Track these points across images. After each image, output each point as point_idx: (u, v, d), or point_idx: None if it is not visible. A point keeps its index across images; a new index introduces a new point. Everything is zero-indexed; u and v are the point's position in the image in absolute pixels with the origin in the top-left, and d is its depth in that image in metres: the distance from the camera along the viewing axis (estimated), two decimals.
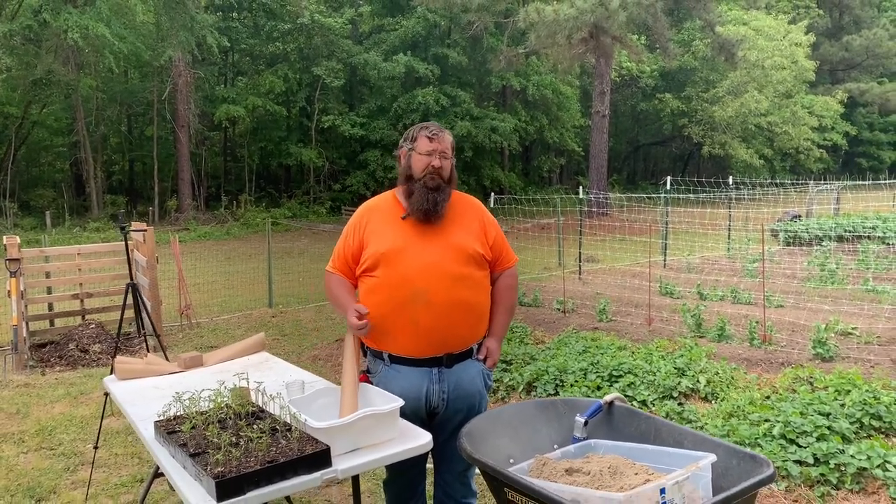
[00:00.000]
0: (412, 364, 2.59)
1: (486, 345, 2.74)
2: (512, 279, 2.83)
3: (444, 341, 2.58)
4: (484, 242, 2.69)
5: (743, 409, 4.08)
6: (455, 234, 2.63)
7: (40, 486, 3.97)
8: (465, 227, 2.67)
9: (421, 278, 2.53)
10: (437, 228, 2.62)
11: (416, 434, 2.35)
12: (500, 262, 2.77)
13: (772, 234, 13.99)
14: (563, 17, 17.69)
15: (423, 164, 2.60)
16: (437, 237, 2.60)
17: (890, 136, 44.09)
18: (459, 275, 2.57)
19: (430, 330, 2.54)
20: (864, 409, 3.80)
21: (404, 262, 2.55)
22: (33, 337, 7.38)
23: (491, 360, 2.74)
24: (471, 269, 2.61)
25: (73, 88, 23.52)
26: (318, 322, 8.51)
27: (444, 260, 2.56)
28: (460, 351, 2.64)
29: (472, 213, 2.73)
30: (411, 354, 2.58)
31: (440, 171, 2.60)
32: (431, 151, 2.60)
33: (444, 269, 2.55)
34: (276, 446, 2.10)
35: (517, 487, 2.17)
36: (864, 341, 6.18)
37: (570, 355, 5.42)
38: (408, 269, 2.54)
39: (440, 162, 2.60)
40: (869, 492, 3.24)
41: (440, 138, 2.63)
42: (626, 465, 2.36)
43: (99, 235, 20.29)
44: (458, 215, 2.69)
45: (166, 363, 3.38)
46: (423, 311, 2.53)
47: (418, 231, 2.60)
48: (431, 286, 2.53)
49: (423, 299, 2.52)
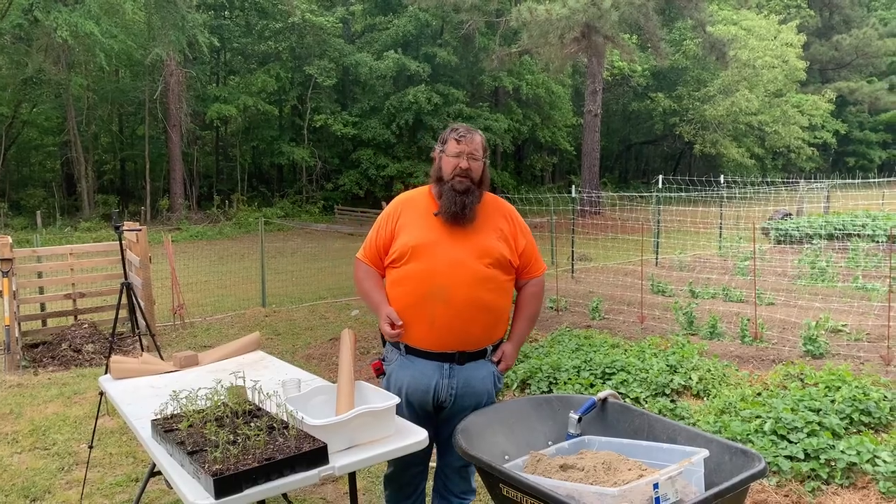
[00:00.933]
0: (425, 357, 2.64)
1: (501, 348, 2.77)
2: (538, 288, 2.85)
3: (459, 339, 2.62)
4: (513, 248, 2.71)
5: (734, 406, 4.12)
6: (485, 235, 2.66)
7: (35, 486, 3.96)
8: (495, 230, 2.69)
9: (444, 275, 2.56)
10: (467, 228, 2.64)
11: (413, 431, 2.37)
12: (527, 270, 2.79)
13: (763, 232, 14.08)
14: (555, 16, 17.70)
15: (451, 166, 2.63)
16: (467, 237, 2.63)
17: (880, 136, 44.40)
18: (483, 276, 2.60)
19: (446, 326, 2.58)
20: (853, 405, 3.85)
21: (431, 257, 2.58)
22: (25, 337, 7.35)
23: (504, 364, 2.77)
24: (495, 271, 2.64)
25: (64, 87, 23.41)
26: (311, 321, 8.51)
27: (470, 259, 2.59)
28: (473, 350, 2.67)
29: (504, 217, 2.75)
30: (426, 347, 2.63)
31: (468, 172, 2.62)
32: (459, 153, 2.63)
33: (468, 268, 2.58)
34: (273, 444, 2.11)
35: (512, 483, 2.19)
36: (853, 338, 6.24)
37: (563, 353, 5.45)
38: (433, 265, 2.57)
39: (468, 163, 2.62)
40: (858, 486, 3.28)
41: (468, 140, 2.65)
42: (620, 460, 2.38)
43: (90, 235, 20.20)
44: (490, 218, 2.71)
45: (162, 362, 3.38)
46: (440, 308, 2.56)
47: (449, 228, 2.63)
48: (452, 284, 2.56)
49: (443, 296, 2.56)
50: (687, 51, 32.19)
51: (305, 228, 23.75)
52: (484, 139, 2.74)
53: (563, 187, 32.73)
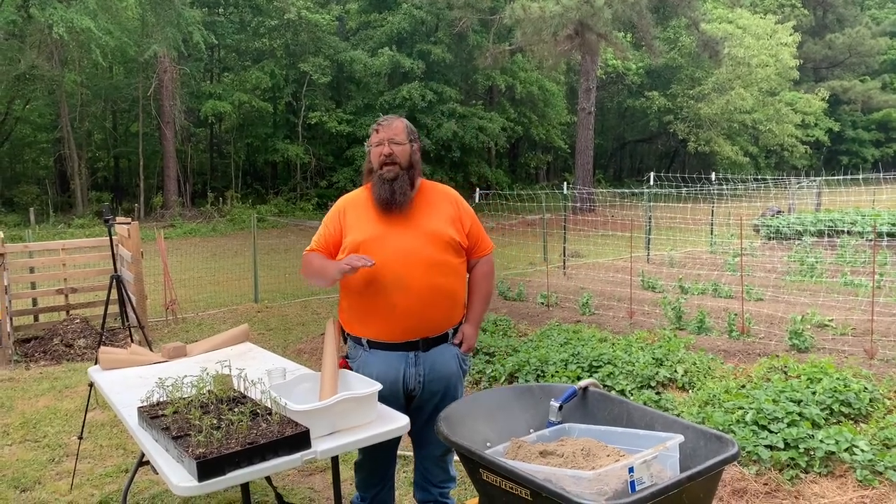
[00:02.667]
0: (389, 348, 2.67)
1: (462, 330, 2.82)
2: (488, 266, 2.90)
3: (420, 326, 2.66)
4: (460, 230, 2.76)
5: (718, 398, 4.17)
6: (430, 221, 2.71)
7: (25, 476, 4.00)
8: (440, 215, 2.74)
9: (399, 264, 2.60)
10: (412, 217, 2.69)
11: (394, 417, 2.42)
12: (476, 249, 2.85)
13: (754, 229, 14.17)
14: (548, 14, 17.80)
15: (376, 154, 2.69)
16: (414, 225, 2.68)
17: (872, 134, 44.57)
18: (436, 261, 2.65)
19: (407, 314, 2.62)
20: (834, 396, 3.91)
21: (382, 249, 2.62)
22: (17, 332, 7.37)
23: (466, 345, 2.82)
24: (447, 255, 2.69)
25: (57, 84, 23.33)
26: (303, 317, 8.55)
27: (421, 247, 2.64)
28: (436, 335, 2.72)
29: (447, 201, 2.81)
30: (388, 339, 2.67)
31: (392, 157, 2.66)
32: (380, 141, 2.68)
33: (421, 255, 2.63)
34: (256, 429, 2.15)
35: (492, 468, 2.24)
36: (839, 333, 6.31)
37: (551, 347, 5.50)
38: (386, 257, 2.60)
39: (390, 148, 2.66)
40: (836, 475, 3.34)
41: (386, 126, 2.71)
42: (599, 447, 2.43)
43: (84, 232, 20.16)
44: (433, 204, 2.76)
45: (150, 353, 3.42)
46: (400, 296, 2.60)
47: (394, 220, 2.68)
48: (408, 272, 2.60)
49: (401, 284, 2.60)
50: (681, 49, 32.28)
51: (299, 225, 23.75)
52: (407, 124, 2.77)
53: (558, 185, 32.79)
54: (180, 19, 22.33)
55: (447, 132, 26.16)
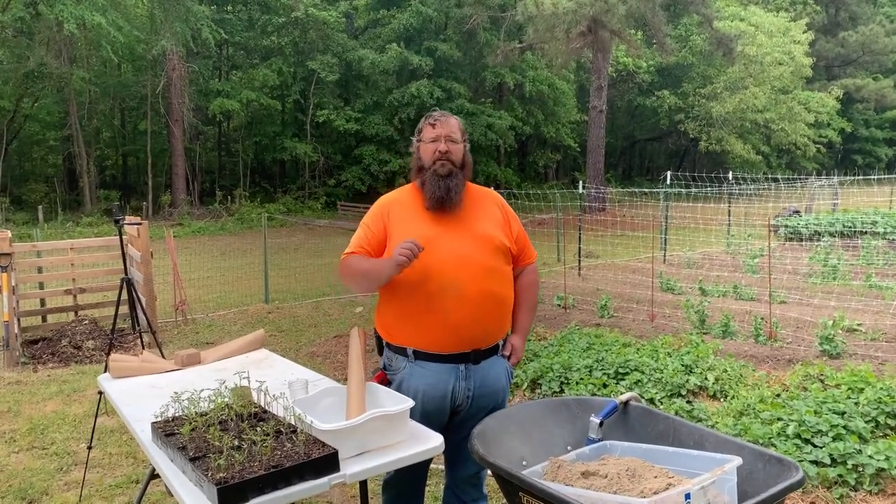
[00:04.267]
0: (438, 360, 2.48)
1: (510, 341, 2.65)
2: (534, 275, 2.76)
3: (474, 337, 2.48)
4: (509, 235, 2.60)
5: (754, 408, 3.99)
6: (481, 225, 2.53)
7: (32, 487, 3.84)
8: (489, 218, 2.57)
9: (452, 270, 2.42)
10: (462, 219, 2.52)
11: (428, 436, 2.24)
12: (522, 256, 2.69)
13: (772, 229, 13.93)
14: (561, 10, 17.59)
15: (430, 151, 2.52)
16: (465, 228, 2.50)
17: (886, 133, 44.15)
18: (490, 267, 2.48)
19: (460, 324, 2.43)
20: (879, 408, 3.71)
21: (434, 252, 2.42)
22: (25, 333, 7.24)
23: (515, 358, 2.66)
24: (499, 261, 2.52)
25: (66, 81, 23.27)
26: (315, 318, 8.39)
27: (475, 251, 2.46)
28: (487, 347, 2.54)
29: (493, 204, 2.64)
30: (439, 350, 2.47)
31: (448, 154, 2.49)
32: (436, 137, 2.52)
33: (475, 260, 2.45)
34: (280, 450, 1.98)
35: (534, 492, 2.07)
36: (870, 338, 6.10)
37: (573, 352, 5.32)
38: (438, 261, 2.41)
39: (447, 146, 2.50)
40: (888, 493, 3.15)
41: (443, 122, 2.54)
42: (645, 467, 2.26)
43: (92, 230, 20.09)
44: (480, 207, 2.59)
45: (163, 361, 3.26)
46: (453, 305, 2.41)
47: (444, 222, 2.50)
48: (463, 278, 2.42)
49: (455, 292, 2.41)
50: (693, 47, 31.99)
51: (308, 224, 23.64)
52: (460, 122, 2.60)
53: (568, 184, 32.59)
54: (189, 14, 22.23)
55: None
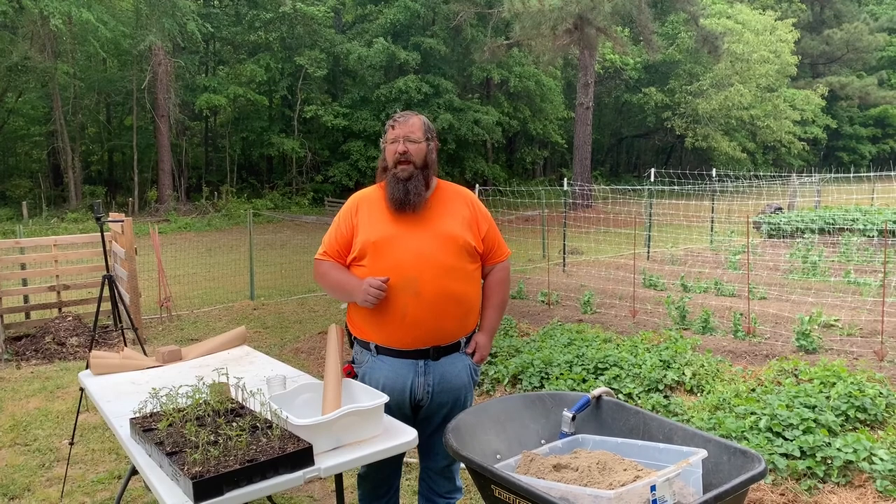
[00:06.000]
0: (398, 355, 2.54)
1: (475, 339, 2.68)
2: (504, 273, 2.77)
3: (432, 334, 2.52)
4: (476, 234, 2.63)
5: (729, 402, 4.06)
6: (446, 223, 2.57)
7: (14, 483, 3.86)
8: (456, 217, 2.61)
9: (411, 267, 2.47)
10: (426, 218, 2.56)
11: (402, 430, 2.29)
12: (492, 255, 2.71)
13: (754, 226, 14.07)
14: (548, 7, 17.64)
15: (391, 152, 2.55)
16: (428, 227, 2.54)
17: (870, 130, 44.57)
18: (450, 266, 2.51)
19: (418, 321, 2.48)
20: (849, 402, 3.80)
21: (395, 250, 2.49)
22: (8, 330, 7.22)
23: (479, 355, 2.69)
24: (462, 260, 2.56)
25: (50, 76, 23.07)
26: (300, 315, 8.42)
27: (435, 250, 2.50)
28: (447, 344, 2.58)
29: (463, 203, 2.67)
30: (397, 345, 2.53)
31: (407, 155, 2.52)
32: (396, 138, 2.55)
33: (435, 259, 2.49)
34: (256, 444, 2.02)
35: (505, 485, 2.12)
36: (846, 333, 6.20)
37: (555, 348, 5.38)
38: (398, 259, 2.47)
39: (405, 146, 2.53)
40: (855, 485, 3.23)
41: (402, 123, 2.56)
42: (615, 460, 2.32)
43: (77, 227, 19.96)
44: (448, 205, 2.63)
45: (144, 357, 3.28)
46: (411, 302, 2.47)
47: (408, 221, 2.54)
48: (421, 276, 2.47)
49: (413, 289, 2.46)
50: (680, 44, 32.16)
51: (295, 220, 23.59)
52: (424, 120, 2.62)
53: (555, 180, 32.71)
54: (175, 10, 22.08)
55: (443, 122, 26.02)
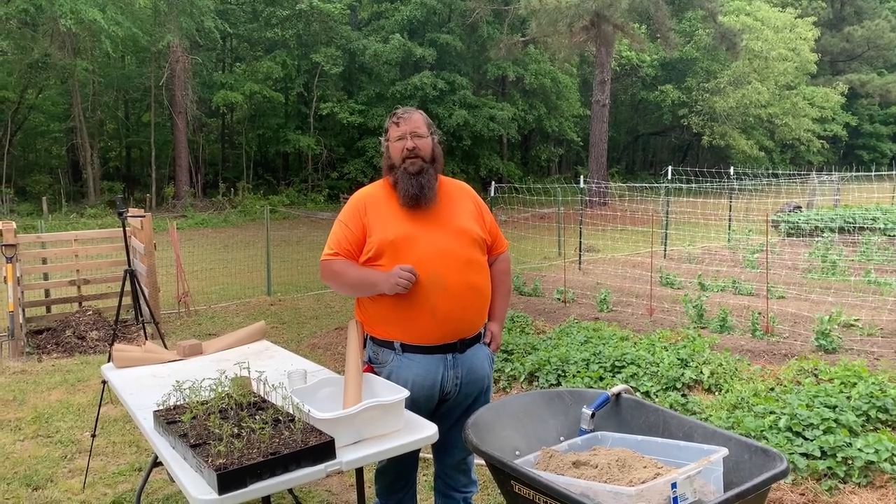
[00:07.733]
0: (427, 351, 2.56)
1: (489, 329, 2.76)
2: (507, 263, 2.86)
3: (459, 327, 2.57)
4: (483, 226, 2.69)
5: (747, 401, 4.04)
6: (458, 218, 2.62)
7: (37, 474, 3.92)
8: (464, 211, 2.66)
9: (435, 263, 2.49)
10: (439, 213, 2.59)
11: (422, 425, 2.30)
12: (495, 246, 2.78)
13: (772, 225, 13.95)
14: (564, 4, 17.56)
15: (398, 150, 2.57)
16: (442, 222, 2.58)
17: (890, 129, 43.93)
18: (469, 259, 2.57)
19: (447, 316, 2.52)
20: (870, 402, 3.76)
21: (416, 247, 2.50)
22: (30, 323, 7.32)
23: (495, 344, 2.77)
24: (477, 253, 2.62)
25: (70, 73, 23.30)
26: (316, 310, 8.46)
27: (454, 244, 2.55)
28: (472, 336, 2.64)
29: (467, 197, 2.73)
30: (426, 342, 2.55)
31: (416, 151, 2.54)
32: (402, 135, 2.57)
33: (455, 253, 2.53)
34: (278, 437, 2.05)
35: (525, 481, 2.13)
36: (866, 333, 6.14)
37: (571, 345, 5.37)
38: (420, 255, 2.49)
39: (413, 142, 2.55)
40: (877, 485, 3.20)
41: (406, 119, 2.58)
42: (635, 458, 2.31)
43: (96, 222, 20.17)
44: (454, 200, 2.67)
45: (165, 351, 3.32)
46: (440, 297, 2.49)
47: (421, 217, 2.56)
48: (446, 271, 2.50)
49: (440, 284, 2.49)
50: (697, 41, 31.89)
51: (311, 217, 23.68)
52: (424, 116, 2.64)
53: (570, 178, 32.58)
54: (193, 8, 22.22)
55: (458, 119, 26.00)
